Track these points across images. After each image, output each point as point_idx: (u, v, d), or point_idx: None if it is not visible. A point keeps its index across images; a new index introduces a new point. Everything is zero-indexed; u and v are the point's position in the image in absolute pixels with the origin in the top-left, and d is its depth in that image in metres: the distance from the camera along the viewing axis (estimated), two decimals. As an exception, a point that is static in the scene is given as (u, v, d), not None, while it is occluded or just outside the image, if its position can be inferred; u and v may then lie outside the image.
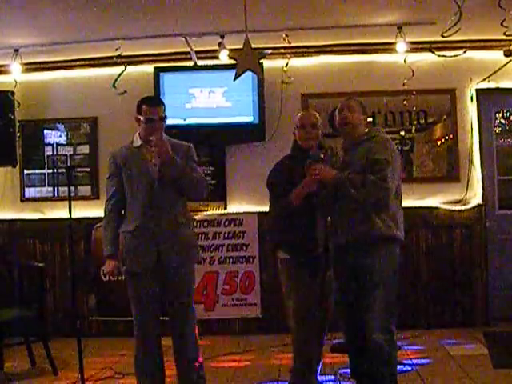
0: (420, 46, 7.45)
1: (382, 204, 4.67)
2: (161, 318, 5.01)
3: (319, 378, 5.46)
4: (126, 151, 5.06)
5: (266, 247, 7.32)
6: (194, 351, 5.03)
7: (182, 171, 4.89)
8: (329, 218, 5.10)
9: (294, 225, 5.06)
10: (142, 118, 4.96)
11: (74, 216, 5.29)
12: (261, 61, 7.04)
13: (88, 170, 7.93)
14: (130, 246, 4.92)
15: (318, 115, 5.33)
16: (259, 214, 7.35)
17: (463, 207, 7.58)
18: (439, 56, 7.44)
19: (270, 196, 5.22)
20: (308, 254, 5.04)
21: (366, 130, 4.96)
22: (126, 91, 7.52)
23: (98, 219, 7.52)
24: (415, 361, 5.93)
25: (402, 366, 5.78)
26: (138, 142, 5.04)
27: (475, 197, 7.63)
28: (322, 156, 4.93)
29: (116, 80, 7.57)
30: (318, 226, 5.06)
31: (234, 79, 6.28)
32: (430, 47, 7.47)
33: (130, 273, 4.95)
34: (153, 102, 5.07)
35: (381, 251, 4.72)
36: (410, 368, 5.92)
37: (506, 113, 7.93)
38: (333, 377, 5.74)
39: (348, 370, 5.25)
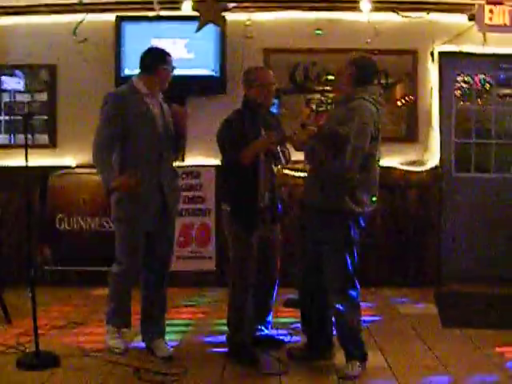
0: (384, 5, 7.44)
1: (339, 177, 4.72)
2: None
3: (271, 331, 5.57)
4: (130, 96, 5.06)
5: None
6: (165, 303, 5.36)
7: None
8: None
9: (236, 178, 5.16)
10: (168, 67, 5.20)
11: (30, 164, 5.21)
12: (223, 14, 6.99)
13: (46, 118, 7.83)
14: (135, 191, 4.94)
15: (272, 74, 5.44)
16: (217, 167, 7.26)
17: (420, 168, 7.64)
18: (403, 17, 7.45)
19: (221, 150, 5.29)
20: (247, 208, 5.13)
21: (348, 91, 4.91)
22: (86, 39, 7.42)
23: (55, 168, 7.55)
24: (366, 318, 5.99)
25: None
26: (144, 90, 5.09)
27: (432, 159, 7.69)
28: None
29: (76, 27, 7.46)
30: (261, 181, 5.13)
31: (196, 31, 6.27)
32: (395, 8, 7.47)
33: (131, 218, 5.03)
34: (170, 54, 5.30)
35: (328, 221, 4.78)
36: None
37: (467, 76, 7.96)
38: (285, 331, 5.79)
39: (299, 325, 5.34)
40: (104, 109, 5.04)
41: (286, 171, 6.43)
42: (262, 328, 5.50)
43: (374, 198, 4.86)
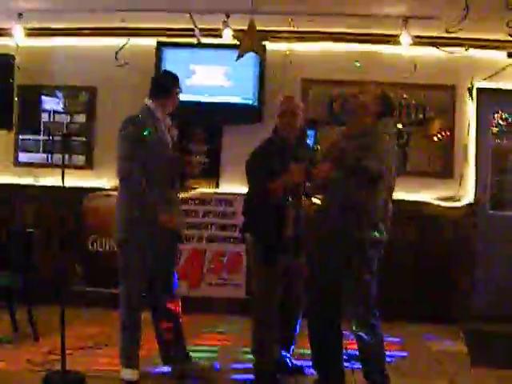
0: (424, 40, 7.44)
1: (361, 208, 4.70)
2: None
3: (295, 362, 5.56)
4: (150, 122, 5.11)
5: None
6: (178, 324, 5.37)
7: None
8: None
9: (262, 208, 5.13)
10: (179, 91, 5.27)
11: (66, 184, 5.27)
12: (263, 43, 7.03)
13: (84, 139, 7.92)
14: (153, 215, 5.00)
15: (299, 103, 5.40)
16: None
17: (454, 204, 7.60)
18: (443, 51, 7.46)
19: (248, 180, 5.32)
20: (272, 238, 5.11)
21: (369, 124, 4.84)
22: (127, 63, 7.51)
23: (91, 189, 7.61)
24: (392, 353, 5.95)
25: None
26: (160, 114, 5.17)
27: (467, 195, 7.65)
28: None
29: (118, 51, 7.56)
30: (288, 214, 5.11)
31: (237, 59, 6.29)
32: (434, 42, 7.48)
33: (144, 241, 5.05)
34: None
35: (353, 250, 4.72)
36: (387, 359, 5.93)
37: (505, 114, 7.92)
38: (310, 362, 5.75)
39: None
40: (126, 133, 5.07)
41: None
42: (286, 356, 5.49)
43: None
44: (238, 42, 6.71)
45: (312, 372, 5.19)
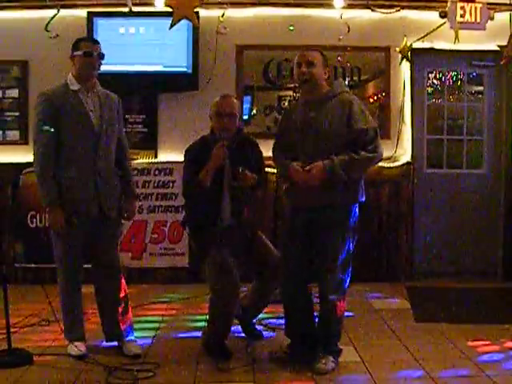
0: (357, 2, 7.48)
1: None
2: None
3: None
4: (62, 94, 4.91)
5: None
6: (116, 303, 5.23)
7: None
8: None
9: (198, 203, 5.12)
10: (80, 53, 4.95)
11: (1, 161, 5.17)
12: (197, 10, 6.97)
13: (17, 114, 7.76)
14: (71, 193, 4.89)
15: (236, 101, 5.20)
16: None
17: (392, 164, 7.68)
18: (376, 12, 7.49)
19: (183, 175, 5.22)
20: (202, 233, 5.13)
21: (328, 87, 4.80)
22: (58, 35, 7.37)
23: (27, 164, 7.46)
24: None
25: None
26: (75, 85, 4.95)
27: (404, 154, 7.73)
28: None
29: (48, 23, 7.40)
30: (224, 202, 5.07)
31: (170, 27, 6.22)
32: (367, 4, 7.50)
33: (69, 220, 4.90)
34: (91, 39, 5.23)
35: (348, 217, 4.87)
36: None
37: (439, 73, 8.02)
38: (260, 327, 5.78)
39: (272, 321, 5.46)
40: (36, 112, 4.94)
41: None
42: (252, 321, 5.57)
43: None
44: (170, 10, 6.65)
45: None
